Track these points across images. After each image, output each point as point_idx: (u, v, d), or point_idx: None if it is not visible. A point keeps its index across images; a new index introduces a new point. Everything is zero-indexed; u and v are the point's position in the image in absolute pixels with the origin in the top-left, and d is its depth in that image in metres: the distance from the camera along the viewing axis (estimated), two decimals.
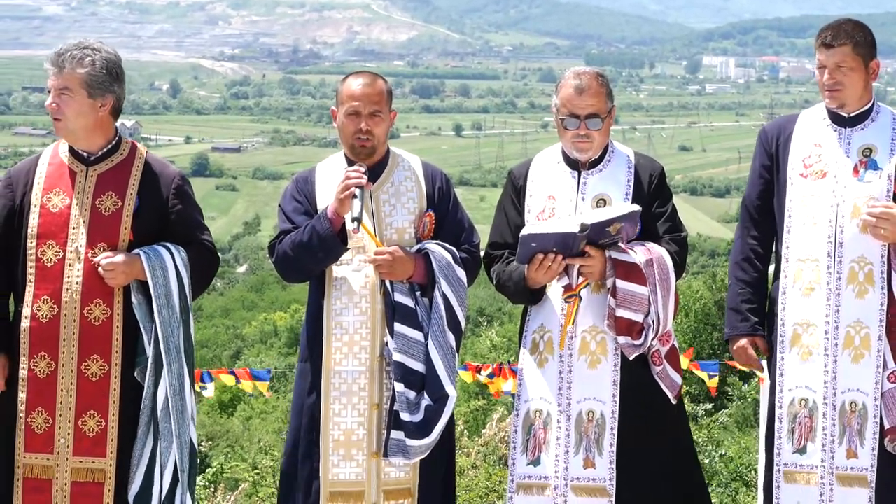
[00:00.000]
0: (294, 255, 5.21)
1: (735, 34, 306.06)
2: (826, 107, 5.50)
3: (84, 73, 4.98)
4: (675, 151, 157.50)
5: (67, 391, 5.00)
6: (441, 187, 5.44)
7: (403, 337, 5.17)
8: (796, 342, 5.39)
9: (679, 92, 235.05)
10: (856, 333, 5.31)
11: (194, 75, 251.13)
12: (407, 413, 5.14)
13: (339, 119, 5.33)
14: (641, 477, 5.24)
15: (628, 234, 5.20)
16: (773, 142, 5.55)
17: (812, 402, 5.35)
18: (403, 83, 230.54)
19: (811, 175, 5.42)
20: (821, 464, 5.33)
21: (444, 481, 5.41)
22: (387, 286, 5.22)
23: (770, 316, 5.53)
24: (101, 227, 5.04)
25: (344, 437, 5.26)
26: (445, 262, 5.22)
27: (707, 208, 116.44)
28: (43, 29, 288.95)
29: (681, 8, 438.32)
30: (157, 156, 5.30)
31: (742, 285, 5.53)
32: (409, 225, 5.33)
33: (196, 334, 19.09)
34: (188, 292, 5.13)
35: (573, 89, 5.29)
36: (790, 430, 5.38)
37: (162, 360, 5.02)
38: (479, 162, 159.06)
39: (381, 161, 5.38)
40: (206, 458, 14.27)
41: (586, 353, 5.27)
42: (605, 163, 5.42)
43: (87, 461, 5.02)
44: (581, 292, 5.22)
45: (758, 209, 5.56)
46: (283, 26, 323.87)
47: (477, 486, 8.14)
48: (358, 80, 5.32)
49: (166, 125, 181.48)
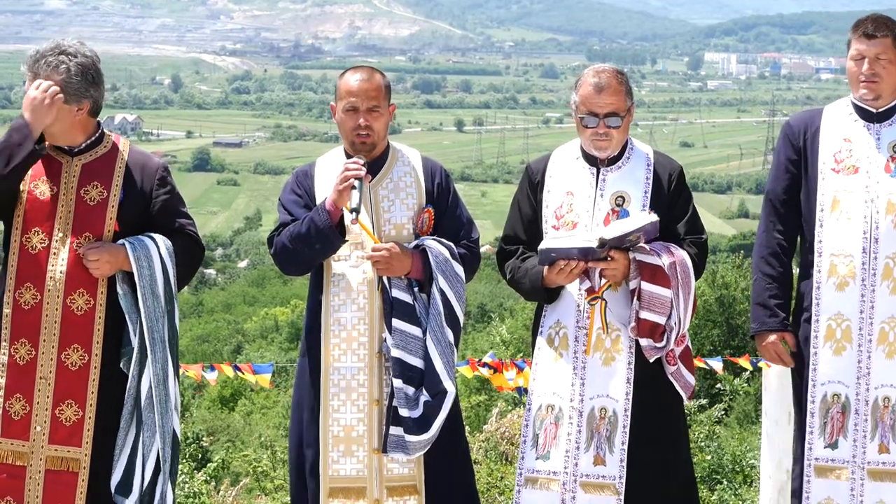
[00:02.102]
0: (292, 246, 5.21)
1: (737, 30, 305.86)
2: (853, 101, 5.47)
3: (59, 81, 4.96)
4: (677, 148, 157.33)
5: (46, 379, 5.00)
6: (440, 183, 5.42)
7: (401, 333, 5.16)
8: (830, 337, 5.36)
9: (681, 88, 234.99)
10: (890, 329, 5.30)
11: (196, 70, 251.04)
12: (406, 409, 5.13)
13: (338, 115, 5.32)
14: (651, 476, 5.23)
15: (648, 234, 5.18)
16: (799, 136, 5.52)
17: (844, 397, 5.33)
18: (405, 78, 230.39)
19: (843, 170, 5.40)
20: (852, 459, 5.32)
21: (459, 478, 5.38)
22: (384, 282, 5.22)
23: (797, 311, 5.52)
24: (86, 216, 5.05)
25: (344, 433, 5.25)
26: (443, 257, 5.21)
27: (708, 204, 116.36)
28: (44, 23, 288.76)
29: (683, 4, 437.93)
30: (139, 148, 5.32)
31: (769, 280, 5.50)
32: (407, 221, 5.32)
33: (197, 329, 19.06)
34: (173, 283, 5.12)
35: (592, 87, 5.26)
36: (822, 425, 5.37)
37: (147, 350, 5.02)
38: (480, 157, 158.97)
39: (380, 156, 5.37)
40: (207, 453, 14.27)
41: (601, 351, 5.26)
42: (623, 160, 5.38)
43: (63, 450, 5.02)
44: (604, 294, 5.21)
45: (783, 203, 5.53)
46: (284, 21, 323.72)
47: (478, 481, 8.14)
48: (355, 76, 5.31)
49: (168, 120, 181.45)
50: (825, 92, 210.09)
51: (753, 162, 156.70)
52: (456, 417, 5.35)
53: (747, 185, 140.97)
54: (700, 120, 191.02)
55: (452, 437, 5.31)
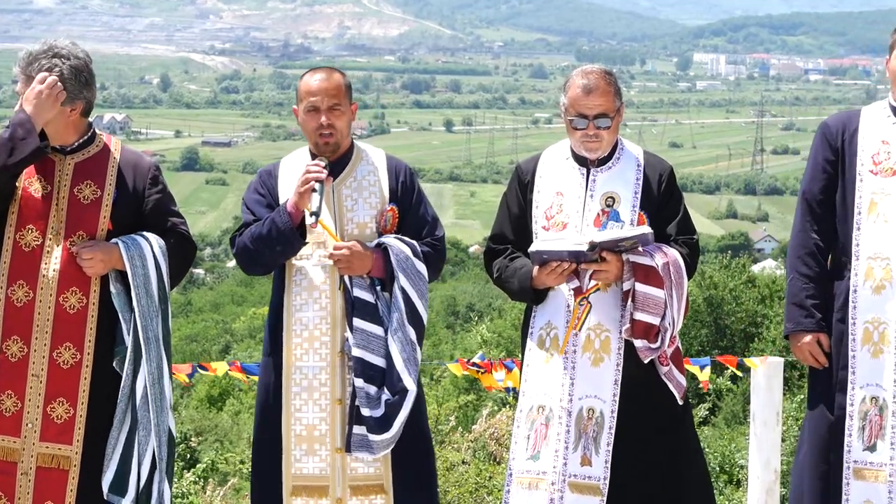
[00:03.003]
0: (254, 247, 5.21)
1: (726, 31, 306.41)
2: (892, 104, 5.46)
3: None
4: (666, 148, 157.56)
5: (38, 377, 4.99)
6: (405, 181, 5.41)
7: (363, 332, 5.15)
8: (867, 340, 5.34)
9: (670, 89, 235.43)
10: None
11: (185, 69, 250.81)
12: (368, 408, 5.12)
13: (301, 116, 5.32)
14: (641, 477, 5.21)
15: (643, 243, 5.13)
16: (838, 136, 5.50)
17: (882, 399, 5.32)
18: (394, 78, 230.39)
19: (881, 172, 5.39)
20: (889, 462, 5.30)
21: (423, 477, 5.38)
22: (346, 282, 5.21)
23: (830, 312, 5.47)
24: (79, 215, 5.04)
25: (306, 431, 5.24)
26: (404, 255, 5.20)
27: (697, 205, 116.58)
28: (33, 22, 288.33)
29: (672, 4, 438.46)
30: (131, 147, 5.32)
31: (806, 280, 5.46)
32: (370, 220, 5.31)
33: (185, 329, 19.09)
34: (166, 281, 5.12)
35: (581, 89, 5.24)
36: (861, 428, 5.35)
37: (141, 349, 5.01)
38: (469, 157, 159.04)
39: (344, 155, 5.36)
40: (195, 453, 14.26)
41: (590, 351, 5.24)
42: (614, 161, 5.37)
43: (53, 447, 5.01)
44: (590, 297, 5.19)
45: (820, 204, 5.49)
46: (273, 21, 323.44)
47: (467, 481, 8.14)
48: (315, 76, 5.31)
49: (156, 119, 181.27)
50: (814, 93, 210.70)
51: (742, 162, 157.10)
52: (420, 416, 5.32)
53: (736, 186, 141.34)
54: (689, 120, 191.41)
55: (415, 435, 5.28)
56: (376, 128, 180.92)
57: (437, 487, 5.60)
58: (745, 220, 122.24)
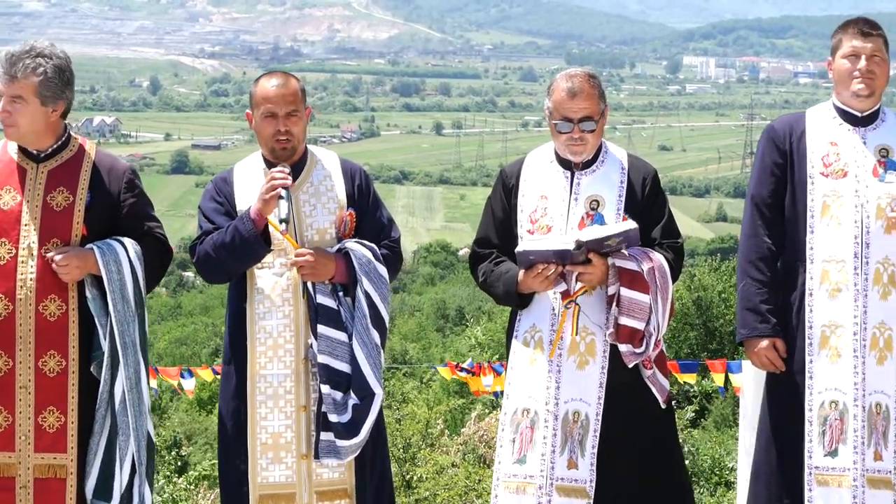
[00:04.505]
0: (216, 255, 5.18)
1: (716, 34, 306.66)
2: (836, 105, 5.47)
3: (38, 82, 4.97)
4: (655, 151, 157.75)
5: (26, 388, 4.98)
6: (361, 184, 5.40)
7: (327, 338, 5.15)
8: (825, 344, 5.32)
9: (659, 92, 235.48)
10: (880, 335, 5.29)
11: (174, 72, 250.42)
12: (335, 414, 5.12)
13: (256, 122, 5.30)
14: (625, 480, 5.21)
15: (630, 241, 5.15)
16: (785, 140, 5.48)
17: (842, 404, 5.28)
18: (384, 81, 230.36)
19: (832, 174, 5.37)
20: (853, 466, 5.26)
21: (380, 480, 5.39)
22: (309, 289, 5.19)
23: (784, 316, 5.45)
24: (53, 223, 5.03)
25: (272, 440, 5.23)
26: (366, 259, 5.20)
27: (686, 208, 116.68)
28: (22, 25, 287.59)
29: (662, 8, 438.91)
30: (106, 151, 5.31)
31: (759, 285, 5.44)
32: (329, 225, 5.30)
33: (176, 332, 19.16)
34: (142, 286, 5.11)
35: (565, 93, 5.24)
36: (821, 433, 5.31)
37: (118, 354, 5.00)
38: (459, 161, 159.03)
39: (299, 161, 5.35)
40: (185, 456, 14.25)
41: (575, 354, 5.24)
42: (598, 164, 5.37)
43: (49, 457, 5.01)
44: (578, 299, 5.19)
45: (770, 207, 5.47)
46: (263, 24, 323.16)
47: (456, 484, 8.15)
48: (271, 81, 5.29)
49: (146, 122, 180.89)
50: (803, 96, 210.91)
51: (732, 166, 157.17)
52: (378, 421, 5.31)
53: (725, 189, 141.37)
54: (678, 124, 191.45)
55: (374, 436, 5.28)
56: (366, 131, 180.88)
57: (393, 490, 5.63)
58: (734, 224, 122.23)
